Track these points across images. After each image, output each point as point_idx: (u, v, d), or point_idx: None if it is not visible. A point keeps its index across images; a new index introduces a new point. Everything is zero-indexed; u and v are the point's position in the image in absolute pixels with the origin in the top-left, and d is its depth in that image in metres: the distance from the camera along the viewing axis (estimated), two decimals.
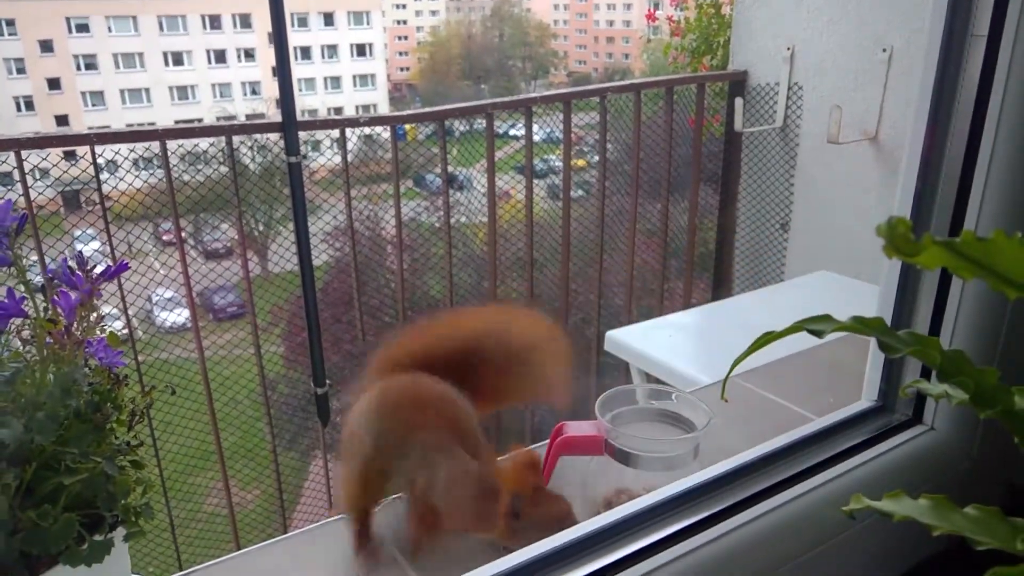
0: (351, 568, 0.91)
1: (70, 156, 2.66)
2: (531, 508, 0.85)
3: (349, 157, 2.69)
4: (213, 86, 28.54)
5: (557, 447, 0.94)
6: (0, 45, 25.84)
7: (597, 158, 3.16)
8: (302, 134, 2.56)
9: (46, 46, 26.09)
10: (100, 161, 2.37)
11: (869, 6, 2.70)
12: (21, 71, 25.93)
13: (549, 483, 0.94)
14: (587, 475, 0.96)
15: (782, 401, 1.22)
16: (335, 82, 31.23)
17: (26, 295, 0.61)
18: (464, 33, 40.09)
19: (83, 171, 2.42)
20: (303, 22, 30.02)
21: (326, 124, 2.82)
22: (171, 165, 2.50)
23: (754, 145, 3.26)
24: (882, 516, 0.61)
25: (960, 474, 0.93)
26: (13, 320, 0.62)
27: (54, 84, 26.27)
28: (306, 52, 30.24)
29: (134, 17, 27.07)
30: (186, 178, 3.12)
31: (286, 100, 2.48)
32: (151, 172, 2.69)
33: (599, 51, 41.64)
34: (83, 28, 26.54)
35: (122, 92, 27.18)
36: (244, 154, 2.93)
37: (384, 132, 2.91)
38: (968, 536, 0.55)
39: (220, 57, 28.53)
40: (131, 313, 2.64)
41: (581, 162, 3.96)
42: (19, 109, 25.93)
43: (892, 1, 2.62)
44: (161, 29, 27.63)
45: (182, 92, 28.21)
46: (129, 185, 2.74)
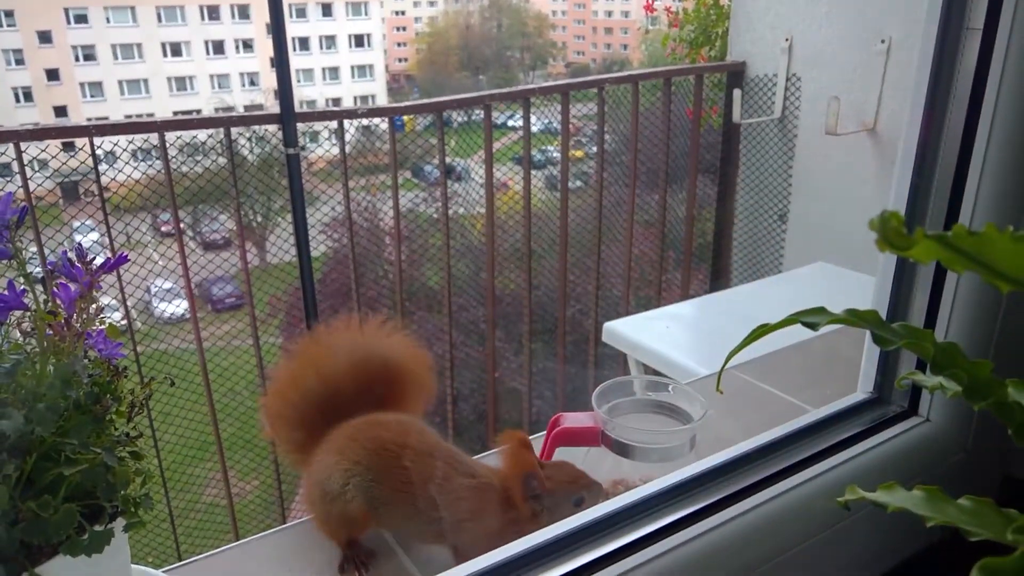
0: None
1: (69, 147, 2.65)
2: (546, 482, 0.86)
3: (347, 148, 2.69)
4: (211, 77, 28.42)
5: (554, 438, 0.94)
6: None
7: (595, 149, 3.16)
8: (300, 125, 2.55)
9: (45, 37, 25.97)
10: (99, 152, 2.37)
11: None
12: (20, 62, 25.81)
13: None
14: (584, 466, 0.97)
15: (779, 392, 1.22)
16: (333, 73, 31.10)
17: (26, 287, 0.61)
18: (462, 24, 39.94)
19: (82, 163, 2.42)
20: (301, 13, 29.89)
21: (324, 115, 2.82)
22: (170, 156, 2.50)
23: (752, 136, 3.26)
24: (876, 507, 0.61)
25: (955, 465, 0.93)
26: (13, 312, 0.63)
27: (53, 75, 26.15)
28: (304, 43, 30.10)
29: (132, 8, 26.93)
30: (184, 169, 3.12)
31: (284, 92, 2.47)
32: (149, 164, 2.69)
33: (597, 42, 41.47)
34: (82, 19, 26.41)
35: (120, 83, 27.07)
36: (242, 145, 2.92)
37: (382, 123, 2.90)
38: (961, 527, 0.55)
39: (218, 48, 28.41)
40: (130, 304, 2.65)
41: (579, 153, 3.95)
42: (18, 100, 25.82)
43: None
44: (160, 20, 27.50)
45: (180, 83, 28.09)
46: (128, 177, 2.74)
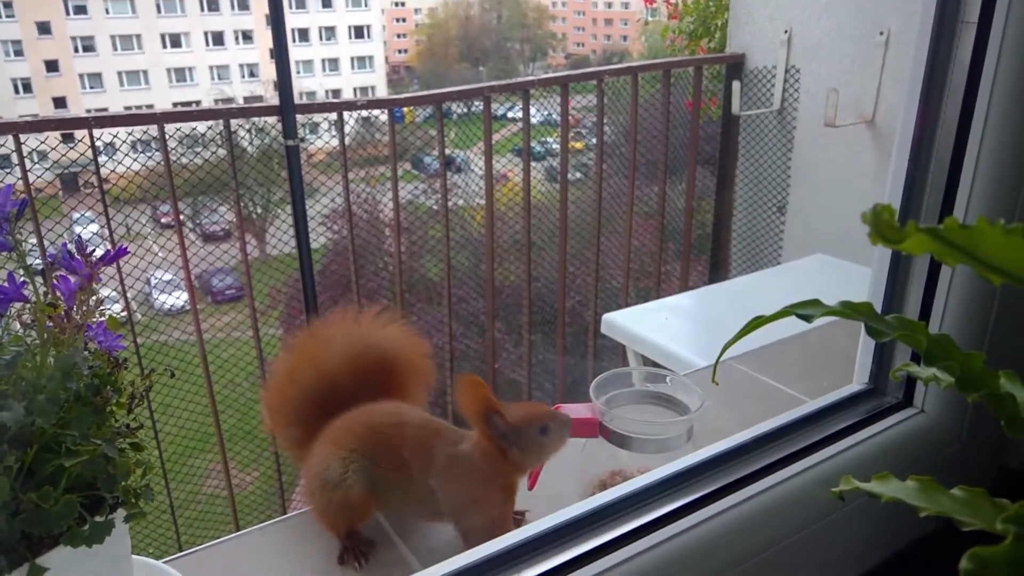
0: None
1: (68, 139, 2.65)
2: (508, 418, 0.86)
3: (347, 140, 2.69)
4: (211, 68, 28.37)
5: None
6: None
7: (595, 140, 3.16)
8: (300, 116, 2.55)
9: (44, 28, 25.92)
10: (98, 144, 2.37)
11: None
12: (19, 53, 25.77)
13: (544, 466, 0.95)
14: (582, 457, 0.97)
15: (775, 383, 1.23)
16: (333, 64, 31.05)
17: (27, 279, 0.62)
18: (462, 15, 39.83)
19: (81, 154, 2.42)
20: (301, 3, 29.82)
21: (324, 107, 2.82)
22: (169, 148, 2.50)
23: (751, 128, 3.26)
24: (871, 497, 0.62)
25: (950, 456, 0.93)
26: (13, 304, 0.63)
27: (52, 66, 26.11)
28: (304, 34, 30.05)
29: None
30: (184, 161, 3.12)
31: (284, 84, 2.47)
32: (149, 156, 2.69)
33: (597, 33, 41.38)
34: (81, 10, 26.35)
35: (120, 74, 27.02)
36: (242, 137, 2.92)
37: (382, 115, 2.90)
38: (954, 517, 0.56)
39: (218, 39, 28.35)
40: (130, 296, 2.65)
41: (579, 144, 3.95)
42: (17, 91, 25.78)
43: None
44: (159, 11, 27.43)
45: (180, 74, 28.05)
46: (127, 168, 2.74)
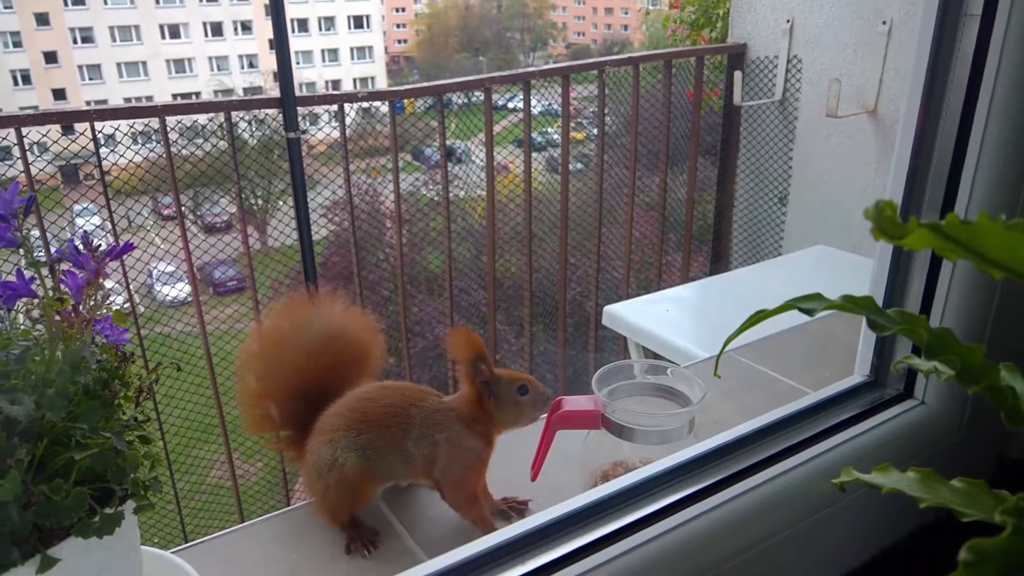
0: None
1: (68, 131, 2.65)
2: (492, 370, 0.89)
3: (347, 131, 2.69)
4: (210, 59, 28.31)
5: (555, 421, 0.95)
6: None
7: (596, 131, 3.16)
8: (300, 108, 2.55)
9: (42, 19, 25.86)
10: (99, 136, 2.37)
11: None
12: (18, 44, 25.72)
13: (547, 457, 0.96)
14: (584, 449, 0.98)
15: (777, 375, 1.23)
16: (332, 54, 30.99)
17: (35, 275, 0.62)
18: (461, 4, 39.69)
19: (83, 147, 2.42)
20: None
21: (325, 99, 2.81)
22: (170, 141, 2.50)
23: (753, 119, 3.26)
24: (871, 488, 0.62)
25: (950, 447, 0.94)
26: (21, 299, 0.64)
27: (51, 57, 26.05)
28: (303, 24, 29.98)
29: None
30: (185, 153, 3.12)
31: (285, 76, 2.47)
32: (151, 149, 2.69)
33: (598, 22, 41.27)
34: (79, 1, 26.28)
35: (119, 65, 26.96)
36: (243, 129, 2.92)
37: (382, 106, 2.90)
38: (953, 508, 0.56)
39: (217, 30, 28.28)
40: (132, 288, 2.66)
41: (580, 135, 3.95)
42: (16, 83, 25.75)
43: None
44: (157, 2, 27.33)
45: (179, 65, 27.99)
46: (129, 161, 2.74)
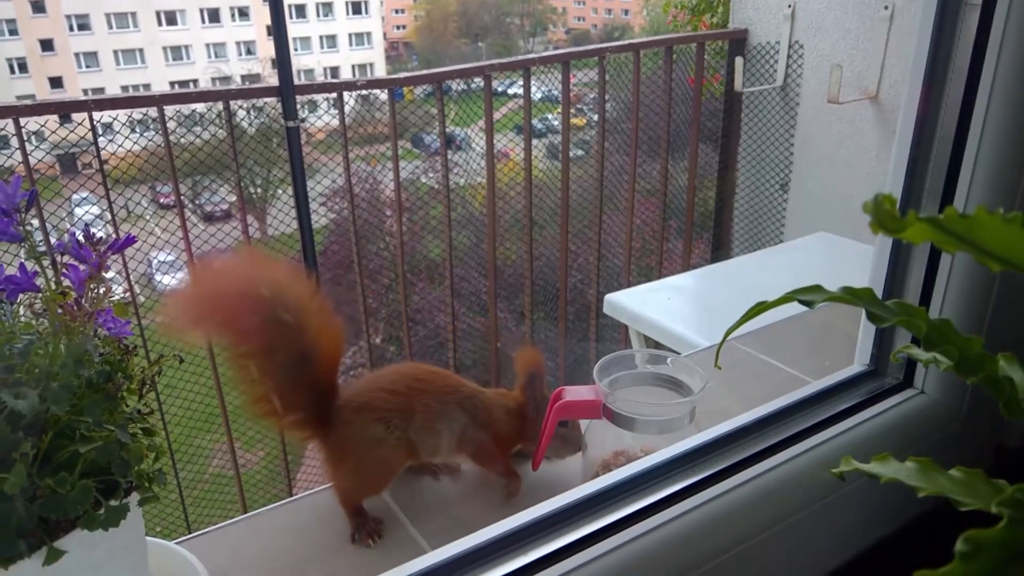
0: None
1: (66, 120, 2.64)
2: (543, 389, 0.98)
3: (346, 119, 2.68)
4: (207, 46, 28.19)
5: (556, 411, 0.95)
6: None
7: (596, 117, 3.15)
8: (299, 96, 2.55)
9: (38, 7, 25.72)
10: (97, 125, 2.36)
11: None
12: (13, 32, 25.61)
13: (548, 447, 0.96)
14: (586, 439, 0.99)
15: (777, 364, 1.24)
16: (331, 41, 30.87)
17: (37, 269, 0.63)
18: None
19: (81, 137, 2.41)
20: None
21: (324, 88, 2.81)
22: (169, 130, 2.49)
23: (754, 105, 3.25)
24: (870, 478, 0.63)
25: (949, 436, 0.95)
26: (24, 293, 0.64)
27: (47, 45, 25.93)
28: (301, 10, 29.85)
29: None
30: (183, 141, 3.11)
31: (283, 65, 2.46)
32: (149, 138, 2.69)
33: (598, 7, 41.10)
34: None
35: (116, 53, 26.85)
36: (241, 117, 2.92)
37: (382, 93, 2.90)
38: (952, 497, 0.57)
39: (214, 16, 28.15)
40: (132, 278, 2.65)
41: (580, 121, 3.94)
42: (12, 71, 25.65)
43: None
44: None
45: (176, 52, 27.88)
46: (128, 151, 2.73)
